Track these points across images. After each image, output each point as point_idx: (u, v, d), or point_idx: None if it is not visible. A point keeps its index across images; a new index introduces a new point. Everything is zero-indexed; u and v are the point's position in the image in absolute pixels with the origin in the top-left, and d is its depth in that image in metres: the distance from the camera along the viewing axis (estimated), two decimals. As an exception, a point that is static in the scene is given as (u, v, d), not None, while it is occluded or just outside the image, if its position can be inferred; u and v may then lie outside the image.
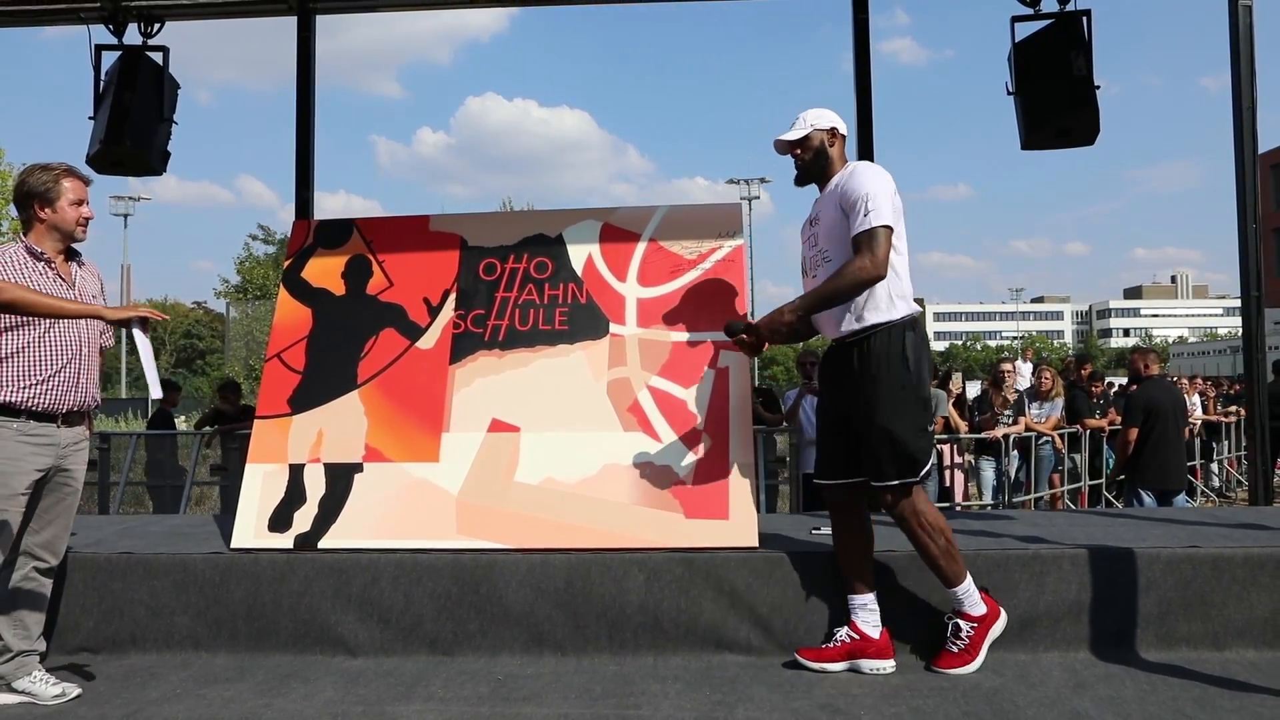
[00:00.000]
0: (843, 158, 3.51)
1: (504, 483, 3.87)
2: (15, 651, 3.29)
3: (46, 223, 3.29)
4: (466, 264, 4.30)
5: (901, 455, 3.28)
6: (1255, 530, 4.04)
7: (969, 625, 3.40)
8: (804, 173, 3.51)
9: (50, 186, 3.28)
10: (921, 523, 3.33)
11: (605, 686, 3.35)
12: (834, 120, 3.50)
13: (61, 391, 3.27)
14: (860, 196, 3.27)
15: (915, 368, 3.31)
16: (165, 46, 6.45)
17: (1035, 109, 6.12)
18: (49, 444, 3.26)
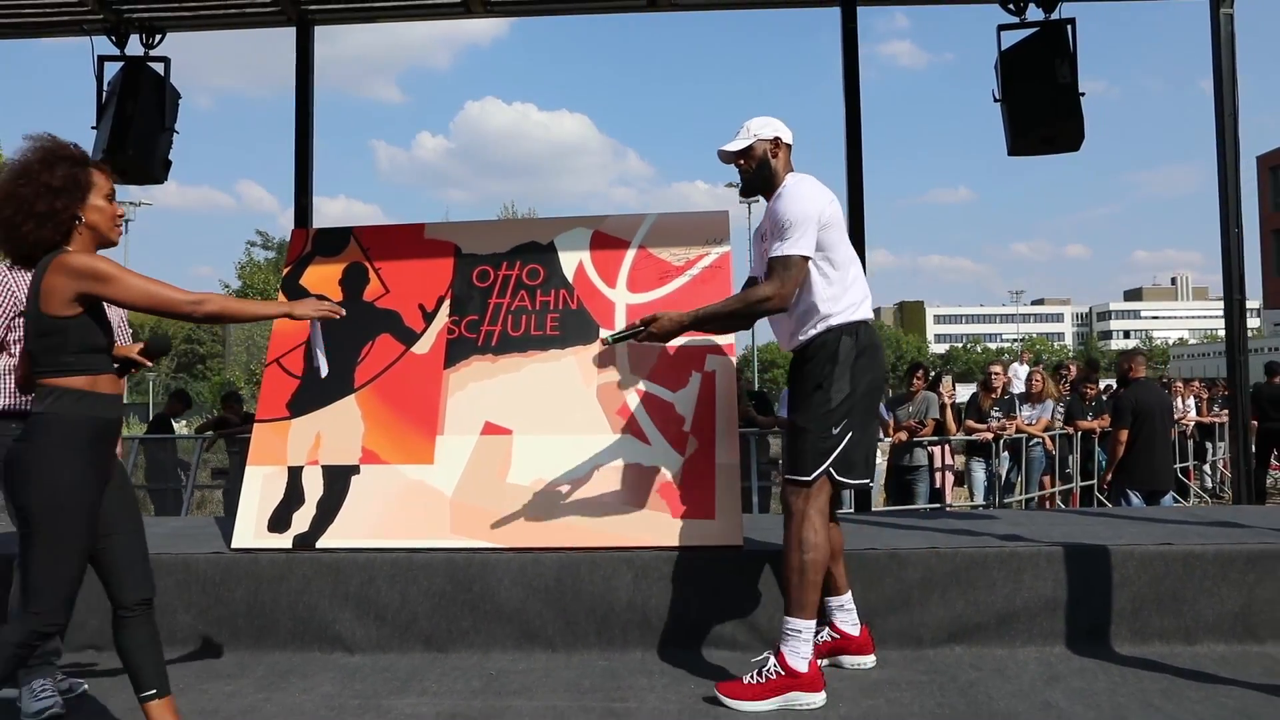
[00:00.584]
0: (788, 167, 3.44)
1: (497, 484, 3.98)
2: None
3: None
4: (460, 271, 4.41)
5: (798, 451, 3.23)
6: (1229, 528, 4.15)
7: (777, 668, 3.14)
8: (748, 184, 3.45)
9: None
10: (798, 528, 3.18)
11: (594, 681, 3.46)
12: (778, 129, 3.42)
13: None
14: (783, 220, 3.22)
15: (838, 371, 3.23)
16: (166, 57, 6.59)
17: (1021, 116, 6.25)
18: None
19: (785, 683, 3.13)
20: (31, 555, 2.54)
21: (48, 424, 2.55)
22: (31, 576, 2.55)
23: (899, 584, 3.76)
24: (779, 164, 3.41)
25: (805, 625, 3.15)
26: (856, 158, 6.31)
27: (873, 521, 3.62)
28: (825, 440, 3.21)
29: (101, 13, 6.42)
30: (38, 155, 2.63)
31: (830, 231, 3.27)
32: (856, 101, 6.29)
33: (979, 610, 3.74)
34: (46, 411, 2.56)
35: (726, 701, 3.14)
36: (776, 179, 3.40)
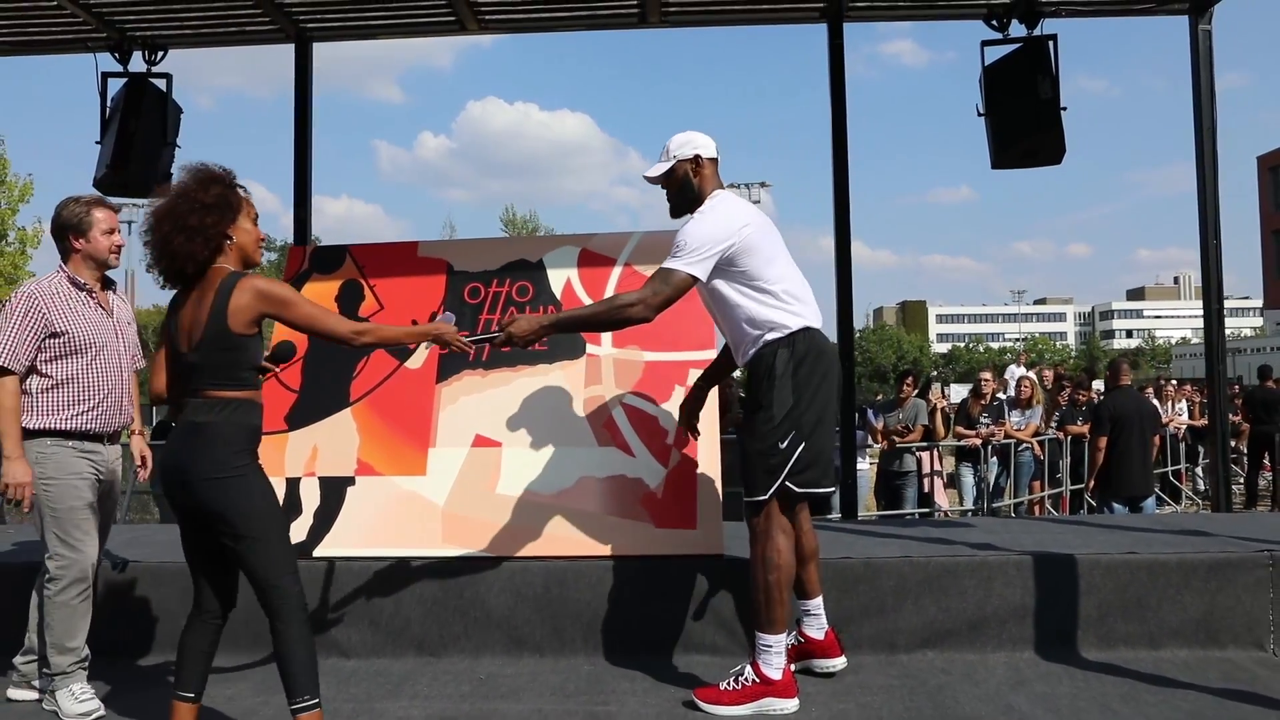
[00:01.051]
0: (714, 182, 3.45)
1: (486, 494, 4.13)
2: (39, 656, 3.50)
3: (82, 252, 3.49)
4: (452, 288, 4.56)
5: (749, 471, 3.31)
6: (1195, 536, 4.29)
7: (753, 677, 3.26)
8: (674, 206, 3.48)
9: (82, 217, 3.48)
10: (762, 549, 3.27)
11: (578, 685, 3.61)
12: (699, 146, 3.42)
13: (109, 414, 3.50)
14: (682, 239, 3.28)
15: (778, 385, 3.26)
16: (169, 74, 6.72)
17: (1003, 130, 6.37)
18: (100, 458, 3.50)
19: (760, 690, 3.26)
20: (269, 550, 2.80)
21: (229, 433, 2.76)
22: (274, 568, 2.80)
23: (874, 591, 3.90)
24: (701, 181, 3.43)
25: (776, 639, 3.28)
26: (843, 171, 6.43)
27: (851, 529, 3.76)
28: (774, 457, 3.25)
29: (105, 31, 6.56)
30: (193, 177, 2.84)
31: (751, 257, 3.29)
32: (843, 116, 6.41)
33: (951, 616, 3.88)
34: (226, 422, 2.76)
35: (704, 706, 3.28)
36: (702, 196, 3.42)
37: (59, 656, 3.38)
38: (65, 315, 3.40)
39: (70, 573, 3.38)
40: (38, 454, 3.37)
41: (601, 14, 6.62)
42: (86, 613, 3.45)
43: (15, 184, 27.08)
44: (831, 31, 6.47)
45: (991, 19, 6.45)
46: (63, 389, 3.41)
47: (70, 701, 3.35)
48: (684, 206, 3.47)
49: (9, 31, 6.74)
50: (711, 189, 3.45)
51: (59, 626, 3.38)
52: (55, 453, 3.38)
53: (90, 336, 3.44)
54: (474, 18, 6.49)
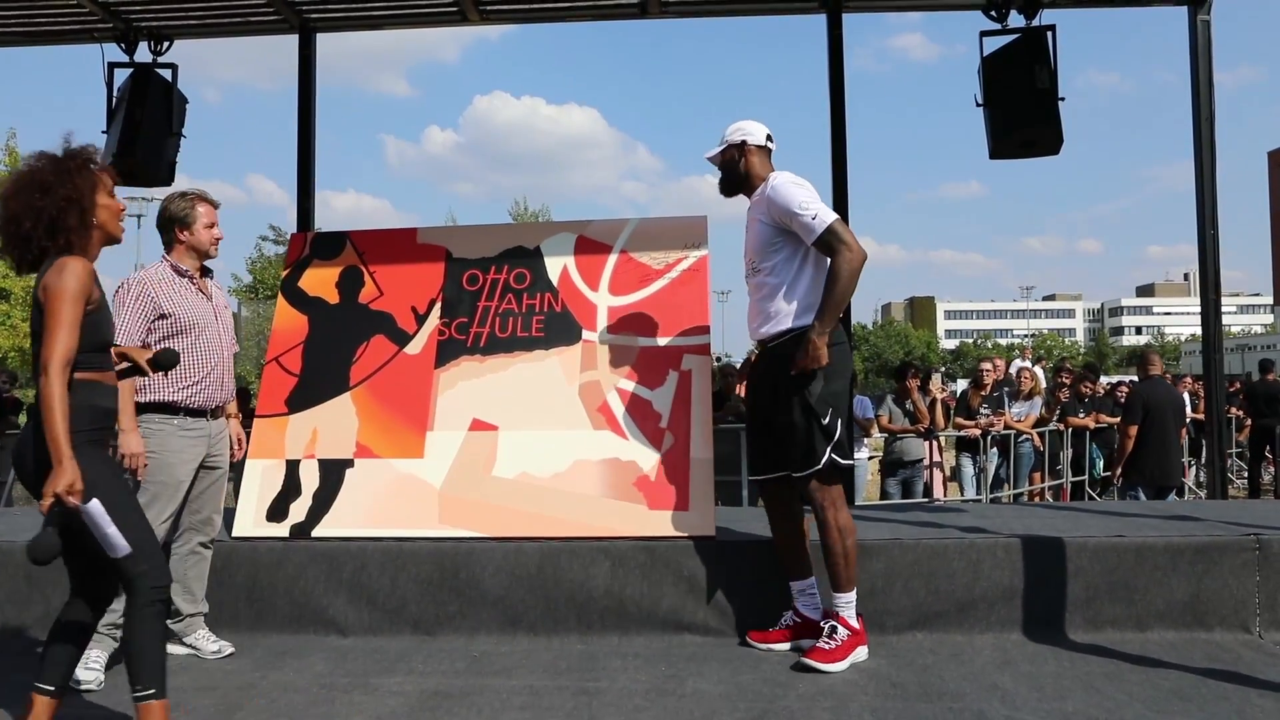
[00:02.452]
0: (766, 166, 3.73)
1: (483, 477, 4.19)
2: (185, 614, 3.80)
3: (186, 244, 3.74)
4: (451, 274, 4.62)
5: (803, 444, 3.51)
6: (1183, 521, 4.33)
7: (845, 631, 3.55)
8: (722, 184, 3.78)
9: (188, 212, 3.73)
10: (833, 517, 3.53)
11: (571, 663, 3.67)
12: (747, 133, 3.71)
13: (211, 390, 3.72)
14: (792, 205, 3.49)
15: (827, 367, 3.49)
16: (174, 64, 6.81)
17: (1001, 120, 6.40)
18: (202, 436, 3.71)
19: (853, 641, 3.56)
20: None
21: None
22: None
23: (864, 574, 3.93)
24: (750, 165, 3.72)
25: (853, 595, 3.59)
26: (841, 162, 6.47)
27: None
28: (822, 431, 3.51)
29: (111, 21, 6.64)
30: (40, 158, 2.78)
31: None
32: (841, 107, 6.45)
33: (939, 598, 3.92)
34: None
35: (824, 667, 3.46)
36: (753, 179, 3.71)
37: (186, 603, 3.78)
38: (171, 299, 3.64)
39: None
40: (145, 430, 3.60)
41: (602, 5, 6.67)
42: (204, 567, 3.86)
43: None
44: (831, 22, 6.52)
45: (990, 9, 6.48)
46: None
47: (207, 642, 3.79)
48: (731, 186, 3.77)
49: (17, 22, 6.83)
50: (761, 172, 3.70)
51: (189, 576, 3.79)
52: (159, 430, 3.61)
53: (193, 318, 3.68)
54: (475, 8, 6.55)
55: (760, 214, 3.65)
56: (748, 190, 3.75)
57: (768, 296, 3.63)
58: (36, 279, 2.72)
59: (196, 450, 3.69)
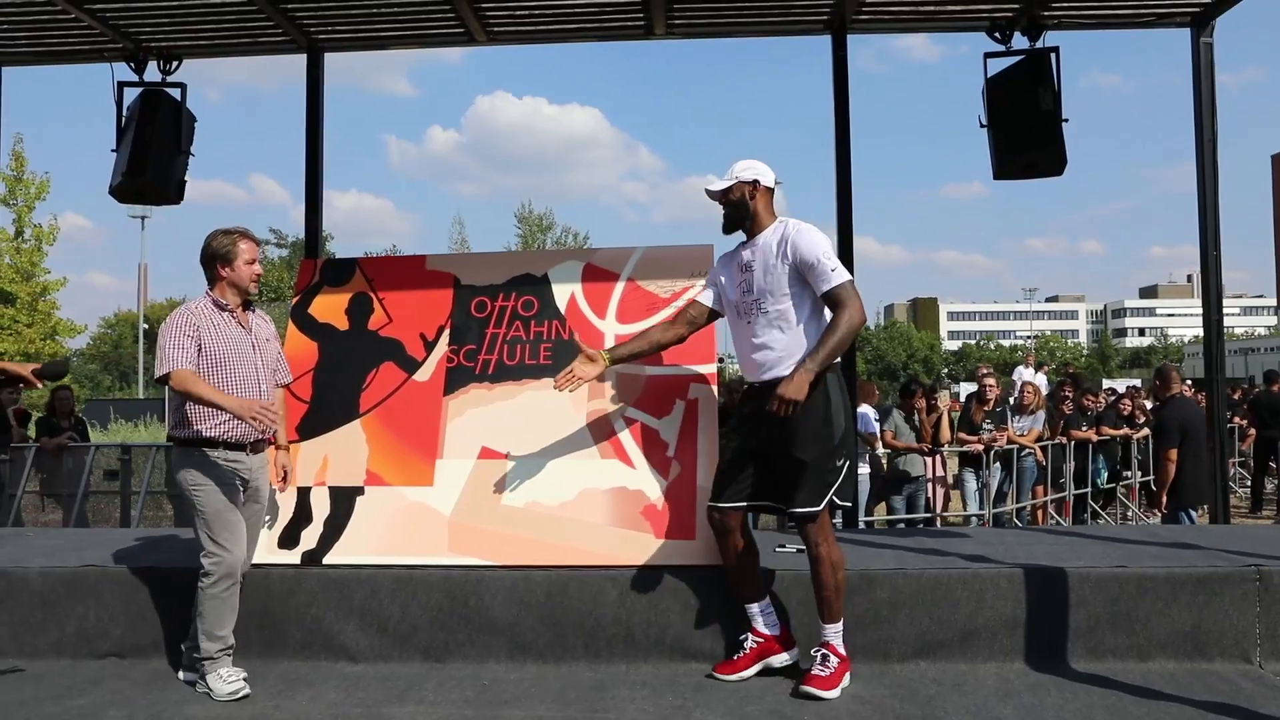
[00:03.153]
0: (769, 210, 3.81)
1: (492, 505, 4.24)
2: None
3: (227, 280, 3.83)
4: (459, 302, 4.67)
5: (807, 484, 3.59)
6: (1184, 550, 4.37)
7: (836, 659, 3.65)
8: (727, 220, 3.82)
9: (229, 248, 3.82)
10: (828, 552, 3.63)
11: (579, 692, 3.72)
12: (759, 173, 3.77)
13: (247, 425, 3.74)
14: (818, 255, 3.60)
15: (835, 407, 3.62)
16: (183, 83, 6.86)
17: (1005, 142, 6.46)
18: (244, 468, 3.82)
19: (844, 667, 3.68)
20: None
21: None
22: None
23: (869, 602, 3.99)
24: (758, 205, 3.78)
25: (841, 624, 3.71)
26: (846, 178, 6.52)
27: (847, 539, 3.87)
28: (831, 473, 3.62)
29: (121, 41, 6.70)
30: None
31: None
32: (846, 127, 6.50)
33: (943, 627, 3.97)
34: None
35: (823, 694, 3.57)
36: (759, 219, 3.79)
37: (209, 643, 3.73)
38: (209, 332, 3.76)
39: (220, 569, 3.72)
40: (187, 463, 3.73)
41: (608, 26, 6.72)
42: (234, 605, 3.79)
43: (32, 182, 27.38)
44: (835, 43, 6.57)
45: (994, 31, 6.53)
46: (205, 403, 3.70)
47: (219, 683, 3.70)
48: (735, 224, 3.82)
49: (29, 42, 6.89)
50: (766, 213, 3.79)
51: (210, 616, 3.73)
52: (200, 462, 3.73)
53: (228, 352, 3.78)
54: (482, 29, 6.60)
55: (771, 255, 3.69)
56: (751, 229, 3.80)
57: (775, 338, 3.68)
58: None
59: (239, 477, 3.80)
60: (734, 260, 3.86)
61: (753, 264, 3.75)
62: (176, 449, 3.80)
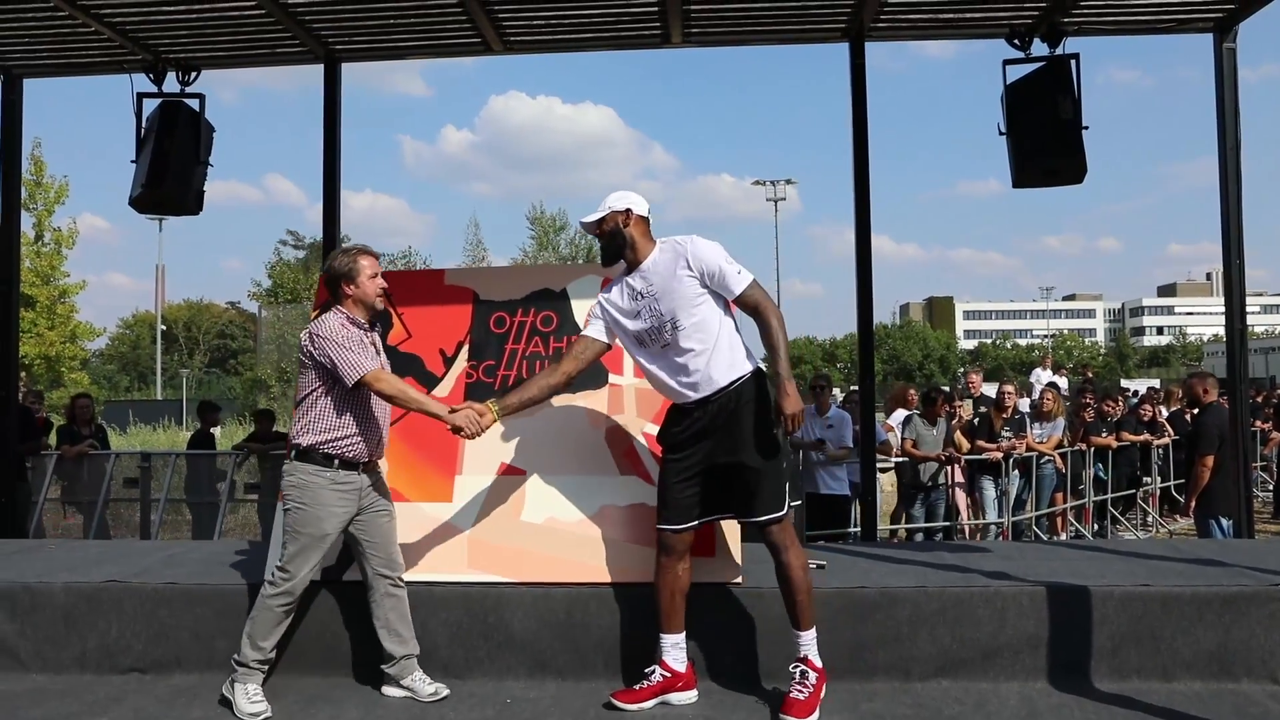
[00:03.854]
0: (647, 236, 3.77)
1: (511, 521, 4.24)
2: (397, 657, 3.89)
3: (353, 297, 3.86)
4: (478, 317, 4.66)
5: (768, 491, 3.61)
6: (1210, 567, 4.32)
7: (814, 673, 3.62)
8: (605, 252, 3.83)
9: (351, 266, 3.85)
10: (798, 556, 3.64)
11: (599, 711, 3.71)
12: (631, 202, 3.76)
13: (368, 443, 3.84)
14: (719, 262, 3.64)
15: (769, 412, 3.64)
16: (202, 94, 6.90)
17: (1024, 150, 6.40)
18: (354, 490, 3.82)
19: (821, 682, 3.63)
20: None
21: None
22: None
23: (890, 620, 3.97)
24: (634, 232, 3.76)
25: (814, 632, 3.69)
26: (864, 188, 6.50)
27: (867, 553, 3.85)
28: (782, 477, 3.72)
29: (140, 53, 6.74)
30: None
31: None
32: (864, 135, 6.47)
33: (965, 646, 3.94)
34: None
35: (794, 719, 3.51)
36: (637, 246, 3.76)
37: (250, 649, 3.77)
38: None
39: (282, 585, 3.77)
40: (299, 478, 3.76)
41: (625, 35, 6.72)
42: (283, 622, 3.84)
43: (51, 186, 27.60)
44: (853, 51, 6.55)
45: (1014, 38, 6.49)
46: (332, 414, 3.79)
47: (244, 700, 3.72)
48: (614, 254, 3.81)
49: (50, 55, 6.95)
50: (644, 243, 3.77)
51: (259, 624, 3.79)
52: (312, 482, 3.75)
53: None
54: (499, 39, 6.60)
55: (669, 274, 3.65)
56: (632, 258, 3.75)
57: (700, 352, 3.61)
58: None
59: (346, 506, 3.80)
60: (624, 290, 3.77)
61: (650, 290, 3.67)
62: (293, 456, 3.81)
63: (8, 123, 6.99)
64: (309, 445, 3.77)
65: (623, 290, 3.79)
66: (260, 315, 43.06)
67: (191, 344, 68.33)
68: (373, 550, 3.90)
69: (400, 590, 3.95)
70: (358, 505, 3.84)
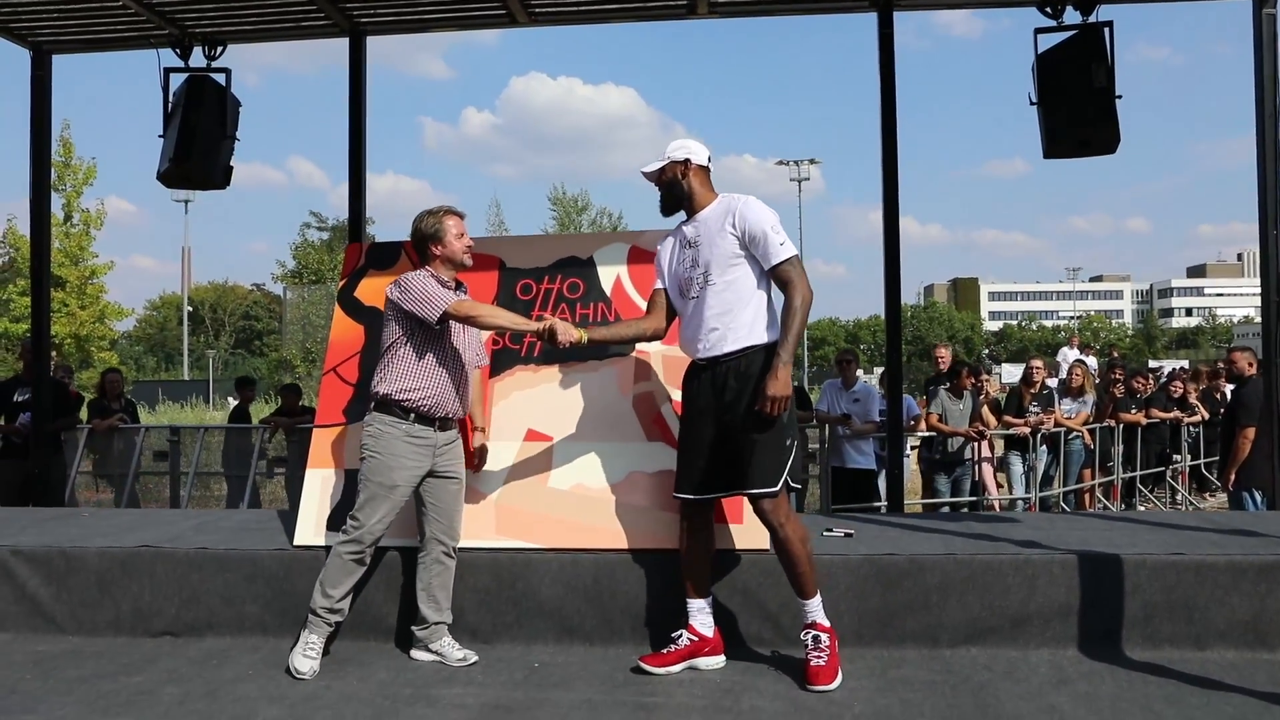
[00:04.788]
0: (707, 187, 3.76)
1: (538, 488, 4.25)
2: (431, 622, 3.93)
3: (440, 257, 3.92)
4: (505, 285, 4.66)
5: (762, 465, 3.55)
6: (1244, 537, 4.27)
7: (826, 635, 3.61)
8: (664, 202, 3.81)
9: (437, 227, 3.92)
10: (792, 528, 3.60)
11: (627, 675, 3.72)
12: (690, 152, 3.73)
13: (442, 399, 3.86)
14: (765, 228, 3.57)
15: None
16: (228, 69, 6.91)
17: (1056, 120, 6.30)
18: (428, 445, 3.86)
19: (834, 641, 3.63)
20: None
21: None
22: None
23: (918, 587, 3.95)
24: (692, 183, 3.75)
25: (819, 598, 3.68)
26: (892, 161, 6.42)
27: (895, 523, 3.82)
28: (783, 453, 3.60)
29: (167, 28, 6.75)
30: None
31: None
32: (892, 106, 6.39)
33: (994, 614, 3.92)
34: None
35: (831, 687, 3.50)
36: (695, 197, 3.75)
37: (320, 597, 3.83)
38: None
39: (351, 534, 3.82)
40: (376, 428, 3.84)
41: (650, 6, 6.65)
42: (354, 572, 3.88)
43: (80, 167, 27.85)
44: (881, 20, 6.44)
45: (1045, 6, 6.35)
46: (411, 366, 3.84)
47: (300, 654, 3.80)
48: (672, 205, 3.80)
49: (78, 30, 6.97)
50: (703, 190, 3.75)
51: (330, 573, 3.85)
52: (387, 432, 3.81)
53: (442, 328, 3.85)
54: (523, 10, 6.56)
55: (716, 228, 3.65)
56: (690, 208, 3.76)
57: (723, 312, 3.61)
58: None
59: (418, 461, 3.84)
60: (677, 237, 3.83)
61: (697, 239, 3.70)
62: (372, 407, 3.88)
63: (37, 98, 7.03)
64: (386, 395, 3.82)
65: (677, 238, 3.82)
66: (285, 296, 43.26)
67: (217, 325, 68.96)
68: (436, 515, 3.94)
69: (450, 561, 3.98)
70: (430, 464, 3.87)
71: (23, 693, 3.59)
